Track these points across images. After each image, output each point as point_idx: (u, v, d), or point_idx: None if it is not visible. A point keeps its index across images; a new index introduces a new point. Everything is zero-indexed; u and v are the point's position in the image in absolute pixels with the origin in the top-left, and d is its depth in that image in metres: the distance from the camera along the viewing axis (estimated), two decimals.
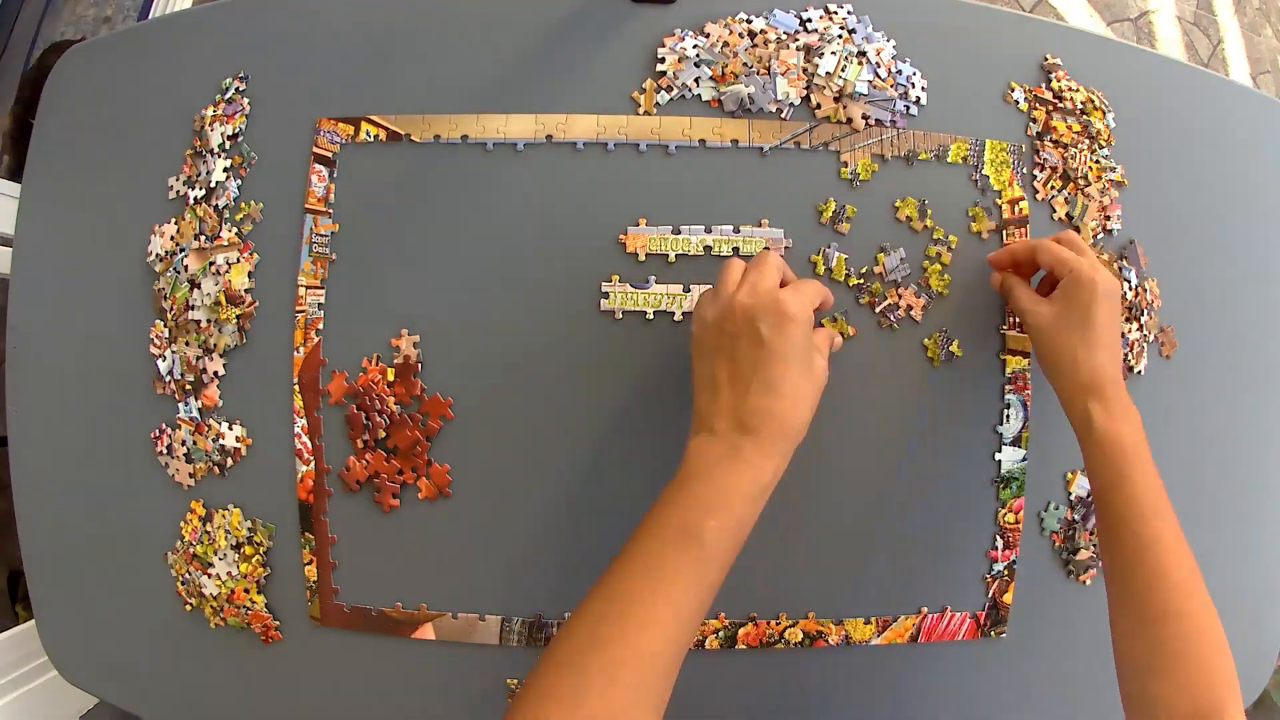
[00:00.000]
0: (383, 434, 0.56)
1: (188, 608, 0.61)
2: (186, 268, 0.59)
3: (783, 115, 0.57)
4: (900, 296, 0.57)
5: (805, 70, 0.57)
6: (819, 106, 0.57)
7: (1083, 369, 0.50)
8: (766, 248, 0.56)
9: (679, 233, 0.57)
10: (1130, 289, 0.60)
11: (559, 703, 0.37)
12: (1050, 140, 0.59)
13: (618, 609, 0.40)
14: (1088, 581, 0.60)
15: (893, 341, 0.57)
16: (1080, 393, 0.50)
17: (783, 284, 0.47)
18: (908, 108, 0.58)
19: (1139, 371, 0.60)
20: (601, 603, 0.40)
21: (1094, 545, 0.60)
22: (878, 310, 0.57)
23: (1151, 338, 0.61)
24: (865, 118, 0.57)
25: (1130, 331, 0.59)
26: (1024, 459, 0.58)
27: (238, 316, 0.58)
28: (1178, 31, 1.65)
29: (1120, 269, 0.60)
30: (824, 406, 0.57)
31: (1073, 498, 0.60)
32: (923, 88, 0.58)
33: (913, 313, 0.57)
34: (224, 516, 0.59)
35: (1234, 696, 0.45)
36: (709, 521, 0.41)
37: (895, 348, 0.57)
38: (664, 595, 0.40)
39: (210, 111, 0.61)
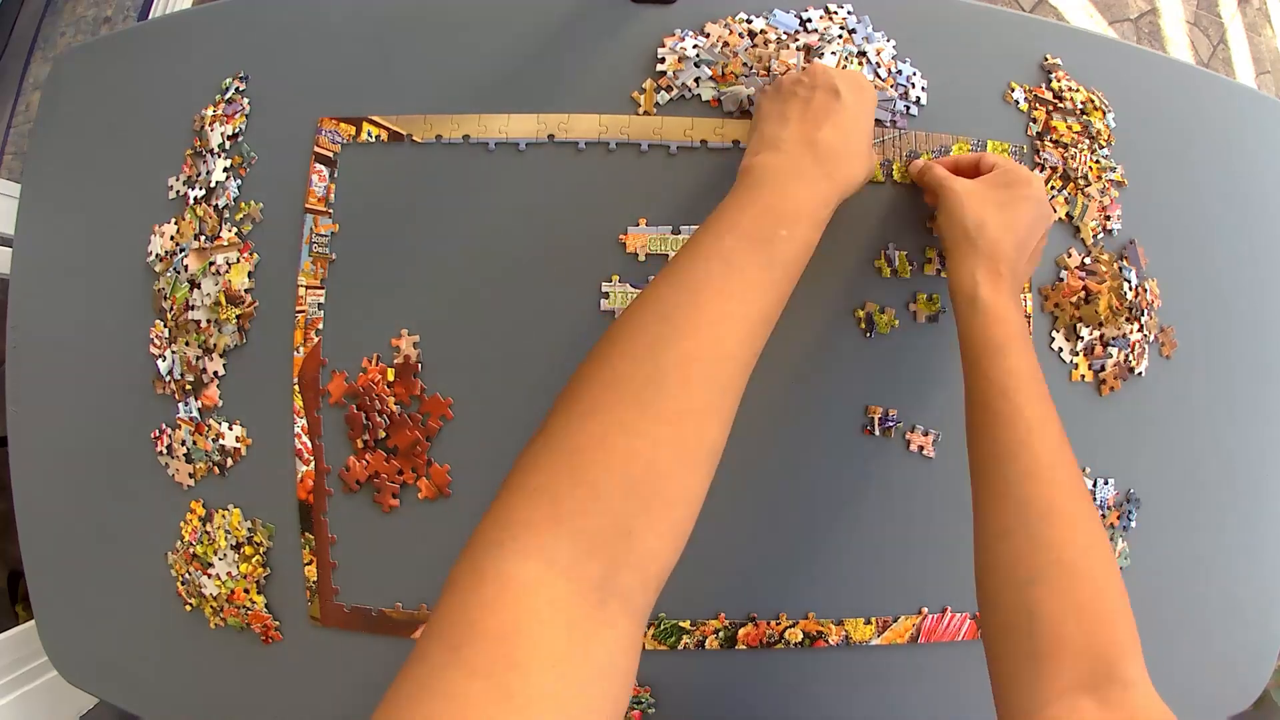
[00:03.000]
0: (383, 434, 0.56)
1: (188, 608, 0.61)
2: (186, 268, 0.59)
3: None
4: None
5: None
6: None
7: (986, 238, 0.46)
8: None
9: (679, 233, 0.57)
10: (1130, 289, 0.60)
11: (629, 402, 0.33)
12: (1050, 140, 0.59)
13: (689, 299, 0.36)
14: None
15: (892, 342, 0.57)
16: (972, 258, 0.46)
17: None
18: (908, 108, 0.58)
19: (1139, 372, 0.60)
20: (672, 291, 0.37)
21: None
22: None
23: (1152, 338, 0.61)
24: None
25: (1131, 332, 0.59)
26: None
27: (238, 316, 0.58)
28: (1182, 32, 1.65)
29: (1120, 268, 0.60)
30: (824, 405, 0.57)
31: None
32: (923, 88, 0.58)
33: (917, 316, 0.57)
34: (224, 516, 0.59)
35: (1135, 649, 0.38)
36: (780, 230, 0.39)
37: (894, 348, 0.57)
38: (738, 293, 0.37)
39: (210, 111, 0.61)
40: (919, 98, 0.58)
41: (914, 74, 0.58)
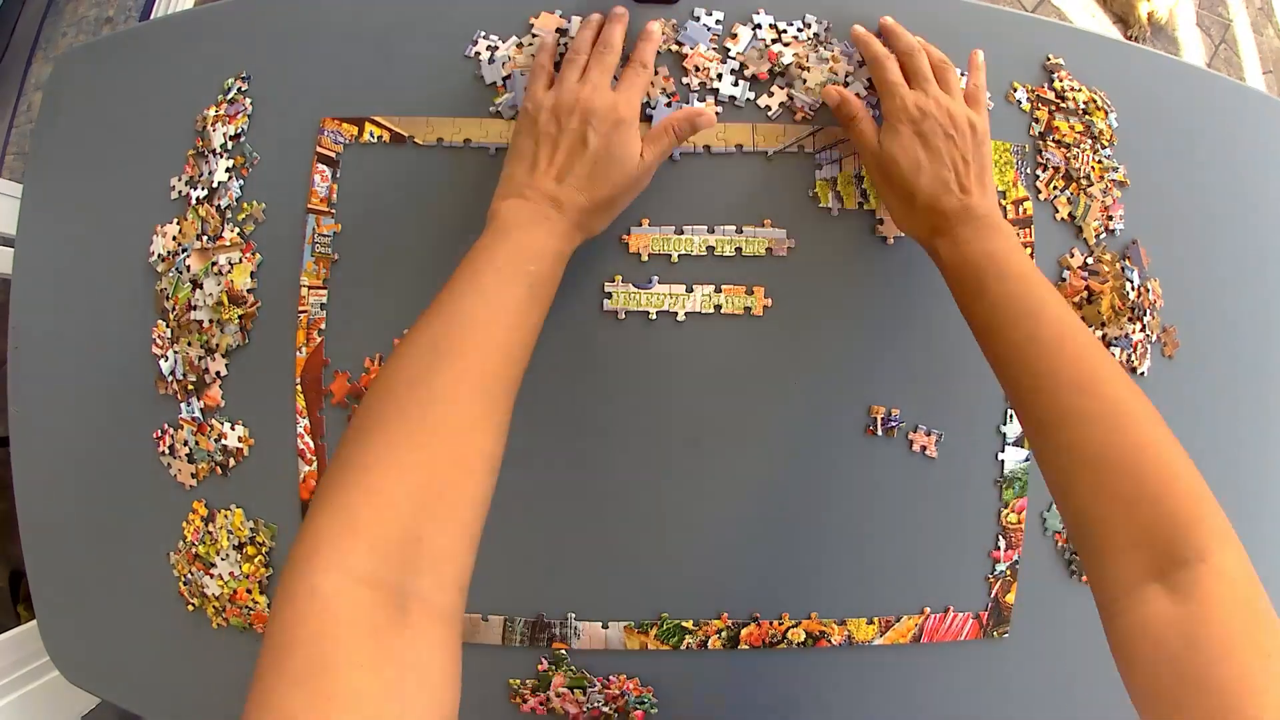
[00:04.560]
0: None
1: (190, 608, 0.61)
2: (189, 268, 0.59)
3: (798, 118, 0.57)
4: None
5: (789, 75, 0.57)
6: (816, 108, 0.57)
7: (922, 196, 0.49)
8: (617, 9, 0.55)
9: (682, 233, 0.57)
10: (1133, 289, 0.60)
11: (410, 421, 0.37)
12: (1053, 140, 0.59)
13: (457, 330, 0.41)
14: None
15: (895, 341, 0.57)
16: (914, 219, 0.50)
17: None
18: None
19: (1141, 372, 0.60)
20: (441, 322, 0.41)
21: None
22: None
23: (1154, 338, 0.61)
24: None
25: (1133, 332, 0.59)
26: (1027, 459, 0.58)
27: (240, 316, 0.58)
28: (1197, 34, 1.65)
29: (1123, 268, 0.60)
30: (827, 405, 0.57)
31: None
32: None
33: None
34: (226, 517, 0.59)
35: (1198, 514, 0.37)
36: (529, 266, 0.44)
37: (896, 348, 0.57)
38: (501, 323, 0.42)
39: (212, 111, 0.61)
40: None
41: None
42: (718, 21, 0.58)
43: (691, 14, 0.58)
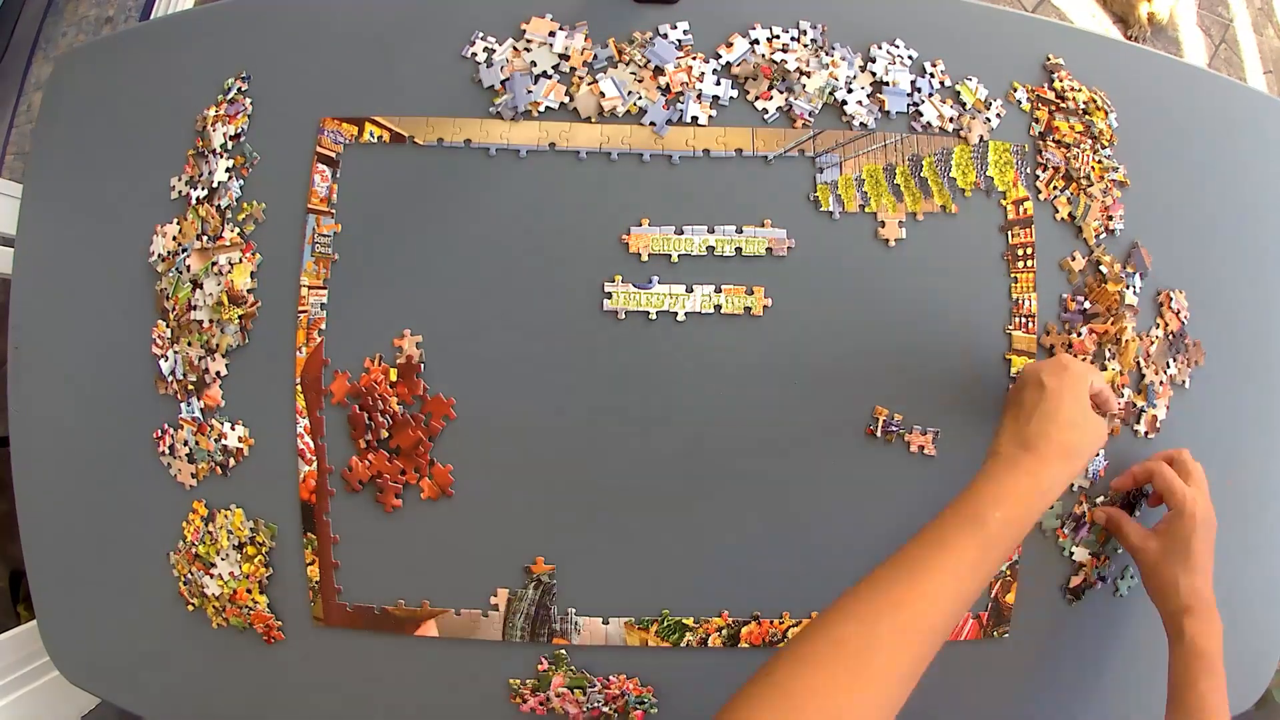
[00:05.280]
0: (385, 434, 0.56)
1: (190, 608, 0.61)
2: (189, 268, 0.59)
3: (797, 124, 0.57)
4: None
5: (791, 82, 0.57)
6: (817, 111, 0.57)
7: (1183, 592, 0.55)
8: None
9: (682, 233, 0.57)
10: (1134, 292, 0.60)
11: (847, 662, 0.39)
12: (1053, 140, 0.59)
13: (907, 575, 0.43)
14: (1097, 585, 0.60)
15: (894, 342, 0.58)
16: (1179, 611, 0.55)
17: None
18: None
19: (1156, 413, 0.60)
20: (892, 569, 0.43)
21: (1091, 545, 0.60)
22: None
23: (1180, 379, 0.61)
24: (863, 124, 0.57)
25: (1156, 372, 0.59)
26: None
27: (240, 316, 0.58)
28: (1197, 34, 1.65)
29: (1124, 274, 0.60)
30: (827, 405, 0.57)
31: (1075, 487, 0.59)
32: (936, 87, 0.58)
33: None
34: (226, 517, 0.59)
35: None
36: (994, 512, 0.45)
37: (895, 349, 0.58)
38: (950, 570, 0.43)
39: (212, 111, 0.61)
40: (928, 96, 0.58)
41: (914, 77, 0.58)
42: (685, 32, 0.58)
43: (657, 30, 0.58)
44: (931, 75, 0.59)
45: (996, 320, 0.58)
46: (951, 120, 0.58)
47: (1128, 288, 0.59)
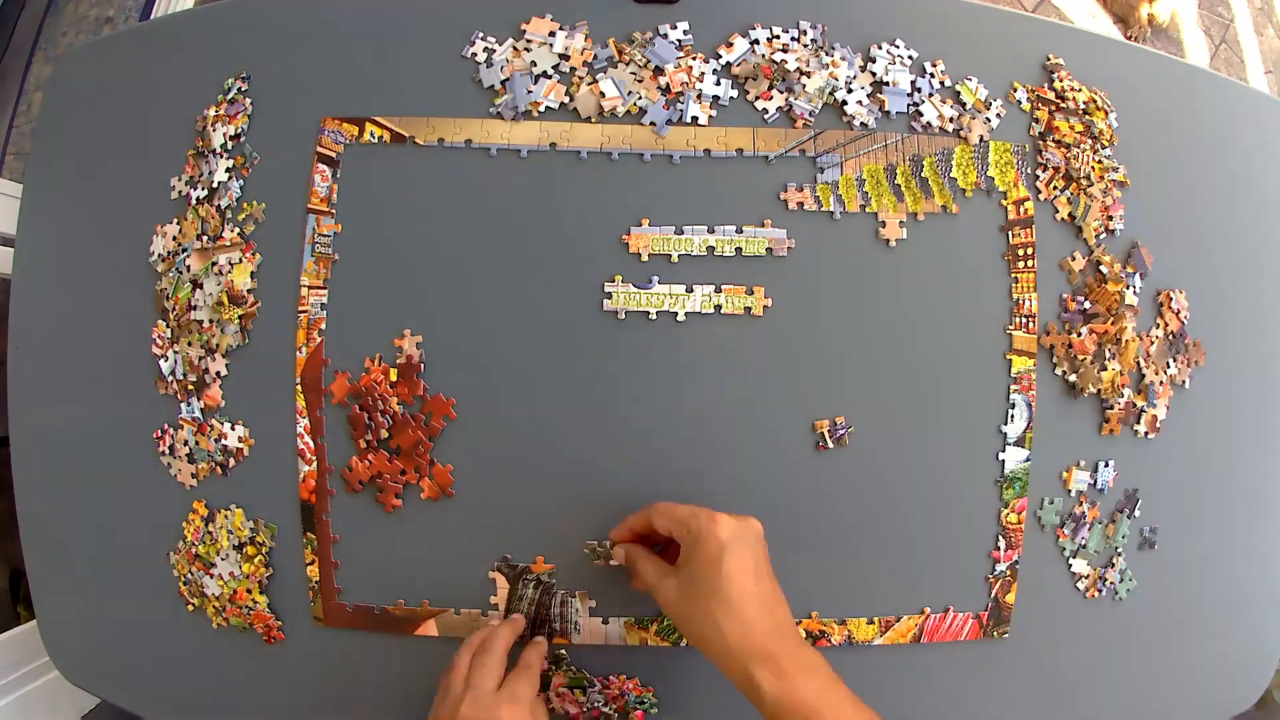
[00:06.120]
0: (385, 434, 0.56)
1: (190, 608, 0.61)
2: (189, 268, 0.59)
3: (797, 124, 0.57)
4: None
5: (791, 83, 0.57)
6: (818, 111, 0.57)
7: (729, 634, 0.43)
8: (513, 615, 0.56)
9: (682, 233, 0.57)
10: (1134, 292, 0.60)
11: None
12: (1053, 140, 0.59)
13: None
14: (1093, 595, 0.60)
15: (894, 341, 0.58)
16: (737, 662, 0.43)
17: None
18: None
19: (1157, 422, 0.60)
20: None
21: (1093, 552, 0.60)
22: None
23: (1180, 381, 0.61)
24: (863, 124, 0.57)
25: (1155, 372, 0.59)
26: (1027, 459, 0.58)
27: (240, 316, 0.58)
28: (1198, 34, 1.65)
29: (1124, 274, 0.60)
30: (827, 405, 0.57)
31: (1073, 492, 0.59)
32: (935, 87, 0.58)
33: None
34: (226, 517, 0.59)
35: None
36: None
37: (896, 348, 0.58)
38: None
39: (212, 111, 0.61)
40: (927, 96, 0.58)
41: (915, 77, 0.58)
42: (685, 32, 0.58)
43: (657, 30, 0.58)
44: (931, 75, 0.59)
45: (997, 320, 0.58)
46: (952, 120, 0.58)
47: (1128, 288, 0.59)
